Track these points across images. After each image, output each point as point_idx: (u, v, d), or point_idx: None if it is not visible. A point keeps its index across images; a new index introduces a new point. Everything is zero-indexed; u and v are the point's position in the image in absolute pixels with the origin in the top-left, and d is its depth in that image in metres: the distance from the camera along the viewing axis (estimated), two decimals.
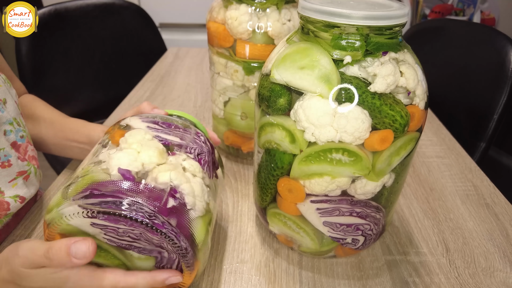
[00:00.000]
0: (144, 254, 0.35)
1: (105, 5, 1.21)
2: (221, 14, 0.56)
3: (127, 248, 0.35)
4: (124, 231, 0.33)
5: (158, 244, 0.34)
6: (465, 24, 1.11)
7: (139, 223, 0.31)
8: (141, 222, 0.31)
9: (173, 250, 0.33)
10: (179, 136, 0.42)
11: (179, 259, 0.35)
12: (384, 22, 0.34)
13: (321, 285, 0.44)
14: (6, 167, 0.45)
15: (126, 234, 0.33)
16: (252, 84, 0.58)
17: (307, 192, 0.40)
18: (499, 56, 0.85)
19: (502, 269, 0.47)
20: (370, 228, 0.43)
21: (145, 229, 0.32)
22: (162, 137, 0.40)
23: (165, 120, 0.43)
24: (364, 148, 0.36)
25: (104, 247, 0.35)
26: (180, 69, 1.13)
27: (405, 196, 0.60)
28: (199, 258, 0.35)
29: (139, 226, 0.31)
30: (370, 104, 0.35)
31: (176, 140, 0.41)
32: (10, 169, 0.45)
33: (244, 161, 0.68)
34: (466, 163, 0.69)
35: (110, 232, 0.33)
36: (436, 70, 1.01)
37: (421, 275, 0.46)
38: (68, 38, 1.12)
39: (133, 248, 0.35)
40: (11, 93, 0.49)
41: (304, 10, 0.37)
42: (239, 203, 0.57)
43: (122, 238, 0.34)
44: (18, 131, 0.48)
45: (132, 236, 0.33)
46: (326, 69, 0.35)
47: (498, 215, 0.56)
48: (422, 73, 0.38)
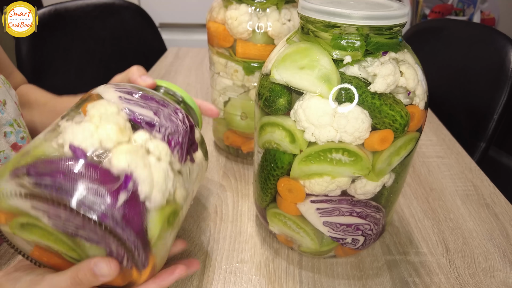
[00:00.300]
0: (92, 243, 0.31)
1: (105, 5, 1.21)
2: (221, 14, 0.56)
3: (74, 235, 0.31)
4: (67, 217, 0.29)
5: (102, 237, 0.30)
6: (465, 24, 1.11)
7: (76, 213, 0.27)
8: (78, 213, 0.27)
9: (118, 245, 0.30)
10: (153, 111, 0.36)
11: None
12: (384, 22, 0.34)
13: (321, 285, 0.44)
14: None
15: (69, 221, 0.29)
16: (252, 84, 0.58)
17: (307, 192, 0.40)
18: (499, 56, 0.85)
19: (502, 269, 0.47)
20: (370, 228, 0.43)
21: (83, 221, 0.28)
22: (132, 110, 0.35)
23: (141, 90, 0.38)
24: (364, 148, 0.36)
25: (52, 232, 0.31)
26: (180, 69, 1.13)
27: (405, 196, 0.60)
28: (154, 253, 0.32)
29: (77, 217, 0.28)
30: (370, 104, 0.35)
31: (148, 115, 0.36)
32: None
33: (244, 161, 0.68)
34: (466, 163, 0.69)
35: (53, 217, 0.29)
36: (436, 70, 1.01)
37: (421, 275, 0.46)
38: (68, 38, 1.12)
39: (79, 236, 0.31)
40: (11, 94, 0.49)
41: (304, 10, 0.37)
42: (239, 203, 0.57)
43: (67, 224, 0.30)
44: (18, 132, 0.48)
45: (76, 224, 0.29)
46: (326, 69, 0.35)
47: (498, 215, 0.56)
48: (422, 73, 0.38)
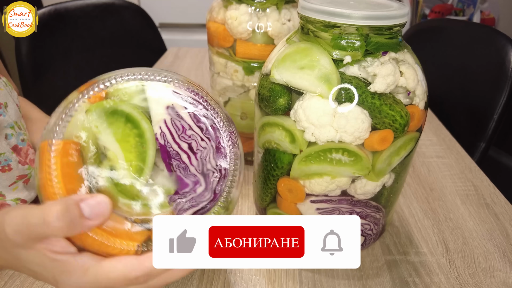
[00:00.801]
0: (176, 173, 0.29)
1: (105, 5, 1.21)
2: (221, 14, 0.56)
3: (172, 156, 0.29)
4: (185, 128, 0.29)
5: (202, 170, 0.29)
6: (465, 24, 1.11)
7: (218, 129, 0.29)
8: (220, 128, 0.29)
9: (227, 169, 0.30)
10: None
11: (214, 195, 0.30)
12: (384, 22, 0.34)
13: (321, 285, 0.44)
14: (6, 171, 0.45)
15: (183, 133, 0.29)
16: (252, 84, 0.58)
17: (307, 192, 0.40)
18: (499, 56, 0.85)
19: (502, 269, 0.47)
20: (370, 228, 0.43)
21: (216, 135, 0.29)
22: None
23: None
24: (364, 148, 0.36)
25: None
26: (180, 69, 1.13)
27: (405, 196, 0.60)
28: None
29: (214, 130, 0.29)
30: (370, 104, 0.35)
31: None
32: (10, 173, 0.45)
33: (244, 161, 0.68)
34: (466, 163, 0.69)
35: (174, 123, 0.29)
36: (436, 70, 1.01)
37: (421, 275, 0.46)
38: (68, 38, 1.12)
39: (174, 160, 0.29)
40: (12, 96, 0.49)
41: (304, 10, 0.37)
42: (239, 203, 0.57)
43: (178, 137, 0.29)
44: (19, 134, 0.48)
45: (186, 140, 0.29)
46: (326, 69, 0.35)
47: (498, 215, 0.56)
48: (422, 73, 0.38)
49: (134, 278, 0.26)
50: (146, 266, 0.26)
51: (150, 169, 0.29)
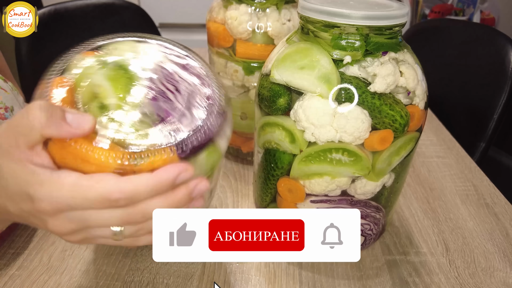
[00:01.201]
0: (161, 103, 0.31)
1: (105, 5, 1.21)
2: (221, 14, 0.56)
3: (159, 94, 0.31)
4: (172, 74, 0.32)
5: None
6: (465, 24, 1.11)
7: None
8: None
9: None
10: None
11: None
12: (384, 22, 0.34)
13: (321, 285, 0.44)
14: None
15: (171, 79, 0.32)
16: (252, 84, 0.58)
17: (307, 192, 0.40)
18: (499, 56, 0.85)
19: (502, 269, 0.47)
20: (370, 228, 0.43)
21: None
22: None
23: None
24: (364, 148, 0.36)
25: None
26: None
27: (405, 196, 0.60)
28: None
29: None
30: (370, 104, 0.35)
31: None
32: None
33: (244, 161, 0.68)
34: (466, 163, 0.69)
35: (163, 73, 0.32)
36: (436, 70, 1.01)
37: (421, 275, 0.46)
38: (68, 38, 1.12)
39: (158, 99, 0.31)
40: (19, 101, 0.49)
41: (304, 10, 0.37)
42: (239, 203, 0.57)
43: (167, 81, 0.32)
44: None
45: (173, 84, 0.32)
46: (326, 69, 0.35)
47: (498, 215, 0.56)
48: (422, 73, 0.38)
49: (114, 201, 0.26)
50: (128, 188, 0.26)
51: (138, 99, 0.31)
